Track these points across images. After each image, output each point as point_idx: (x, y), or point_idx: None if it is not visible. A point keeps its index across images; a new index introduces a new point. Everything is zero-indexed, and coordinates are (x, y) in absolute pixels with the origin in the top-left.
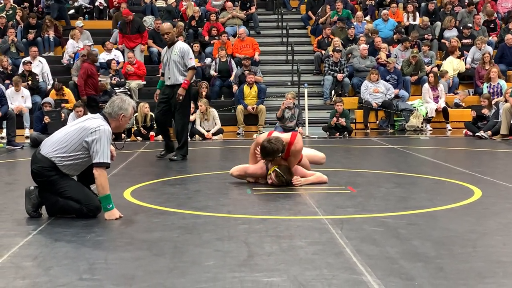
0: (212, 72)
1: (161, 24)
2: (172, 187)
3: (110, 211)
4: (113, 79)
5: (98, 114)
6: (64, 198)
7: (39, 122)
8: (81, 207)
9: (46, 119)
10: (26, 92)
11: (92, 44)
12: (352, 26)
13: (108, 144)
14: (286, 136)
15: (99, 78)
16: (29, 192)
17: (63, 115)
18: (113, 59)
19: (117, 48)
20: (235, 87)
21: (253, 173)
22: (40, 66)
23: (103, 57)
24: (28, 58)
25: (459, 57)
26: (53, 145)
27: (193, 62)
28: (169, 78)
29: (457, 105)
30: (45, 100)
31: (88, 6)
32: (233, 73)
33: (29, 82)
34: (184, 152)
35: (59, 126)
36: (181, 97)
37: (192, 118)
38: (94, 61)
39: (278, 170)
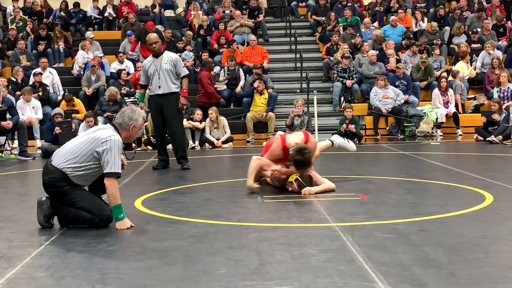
0: (221, 79)
1: (149, 34)
2: (182, 196)
3: (121, 220)
4: (123, 89)
5: (108, 124)
6: (75, 209)
7: (50, 133)
8: (92, 217)
9: (57, 129)
10: (36, 103)
11: (103, 55)
12: (358, 34)
13: (118, 154)
14: (300, 137)
15: (112, 88)
16: (41, 203)
17: (73, 125)
18: (124, 69)
19: (128, 58)
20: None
21: (278, 176)
22: (50, 77)
23: (114, 67)
24: (38, 69)
25: (469, 63)
26: (64, 156)
27: (186, 70)
28: (159, 87)
29: (476, 109)
30: (56, 111)
31: (98, 17)
32: (240, 82)
33: (40, 93)
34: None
35: (70, 136)
36: (185, 106)
37: (201, 126)
38: (210, 69)
39: (300, 179)
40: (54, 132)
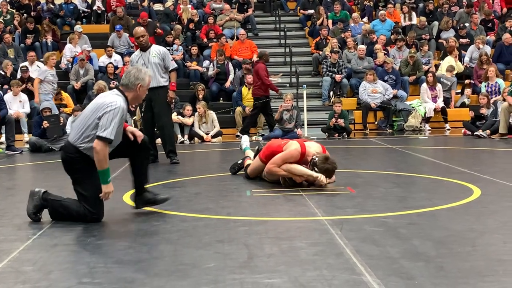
0: (211, 72)
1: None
2: (172, 190)
3: (107, 184)
4: (111, 82)
5: (114, 89)
6: (78, 193)
7: (38, 127)
8: (84, 211)
9: (45, 123)
10: (24, 97)
11: (91, 49)
12: (349, 29)
13: (117, 121)
14: (320, 147)
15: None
16: (33, 193)
17: (62, 119)
18: (110, 63)
19: (117, 52)
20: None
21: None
22: (38, 71)
23: (102, 61)
24: (26, 63)
25: (457, 57)
26: (74, 130)
27: (175, 63)
28: None
29: (464, 105)
30: (44, 105)
31: (86, 10)
32: (229, 77)
33: (29, 85)
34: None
35: (58, 130)
36: (173, 100)
37: (190, 120)
38: (267, 61)
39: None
40: (42, 126)
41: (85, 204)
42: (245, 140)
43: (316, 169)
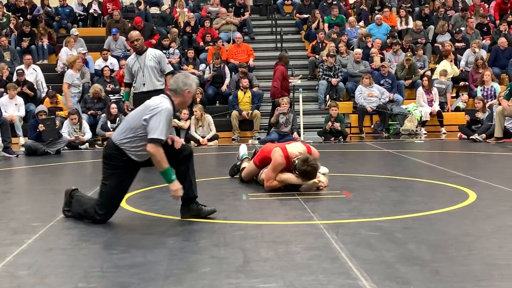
0: (207, 75)
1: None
2: (167, 193)
3: (172, 183)
4: (108, 86)
5: (161, 94)
6: (100, 187)
7: (33, 130)
8: (93, 212)
9: (41, 126)
10: (19, 100)
11: (86, 52)
12: (345, 33)
13: (165, 122)
14: (302, 147)
15: (96, 85)
16: (66, 192)
17: (57, 123)
18: (106, 66)
19: (113, 55)
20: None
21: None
22: (34, 74)
23: (98, 64)
24: (22, 66)
25: (453, 61)
26: (119, 129)
27: (171, 66)
28: (144, 84)
29: (458, 109)
30: (40, 109)
31: (82, 13)
32: (226, 81)
33: (24, 88)
34: None
35: (54, 133)
36: None
37: (187, 124)
38: (287, 63)
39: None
40: (38, 130)
41: (99, 199)
42: (242, 149)
43: (296, 172)
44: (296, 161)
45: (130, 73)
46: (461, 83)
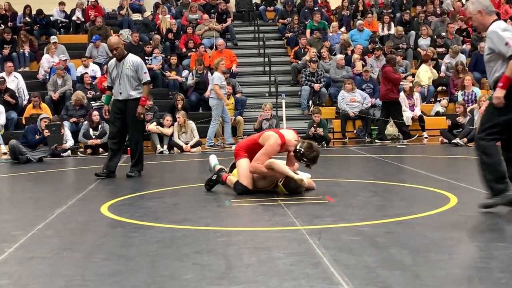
0: (190, 82)
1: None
2: (149, 201)
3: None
4: (88, 93)
5: None
6: None
7: (33, 134)
8: None
9: (46, 132)
10: (0, 108)
11: (68, 59)
12: (328, 39)
13: None
14: (293, 134)
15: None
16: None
17: (62, 129)
18: (86, 73)
19: (95, 62)
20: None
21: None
22: (15, 82)
23: (80, 71)
24: (3, 74)
25: (433, 66)
26: None
27: (148, 76)
28: (120, 93)
29: (438, 114)
30: (43, 115)
31: (64, 20)
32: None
33: (6, 96)
34: (140, 168)
35: (59, 139)
36: (142, 116)
37: (170, 131)
38: (394, 65)
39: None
40: (41, 134)
41: None
42: (212, 159)
43: (305, 159)
44: (303, 150)
45: (111, 77)
46: (439, 88)
